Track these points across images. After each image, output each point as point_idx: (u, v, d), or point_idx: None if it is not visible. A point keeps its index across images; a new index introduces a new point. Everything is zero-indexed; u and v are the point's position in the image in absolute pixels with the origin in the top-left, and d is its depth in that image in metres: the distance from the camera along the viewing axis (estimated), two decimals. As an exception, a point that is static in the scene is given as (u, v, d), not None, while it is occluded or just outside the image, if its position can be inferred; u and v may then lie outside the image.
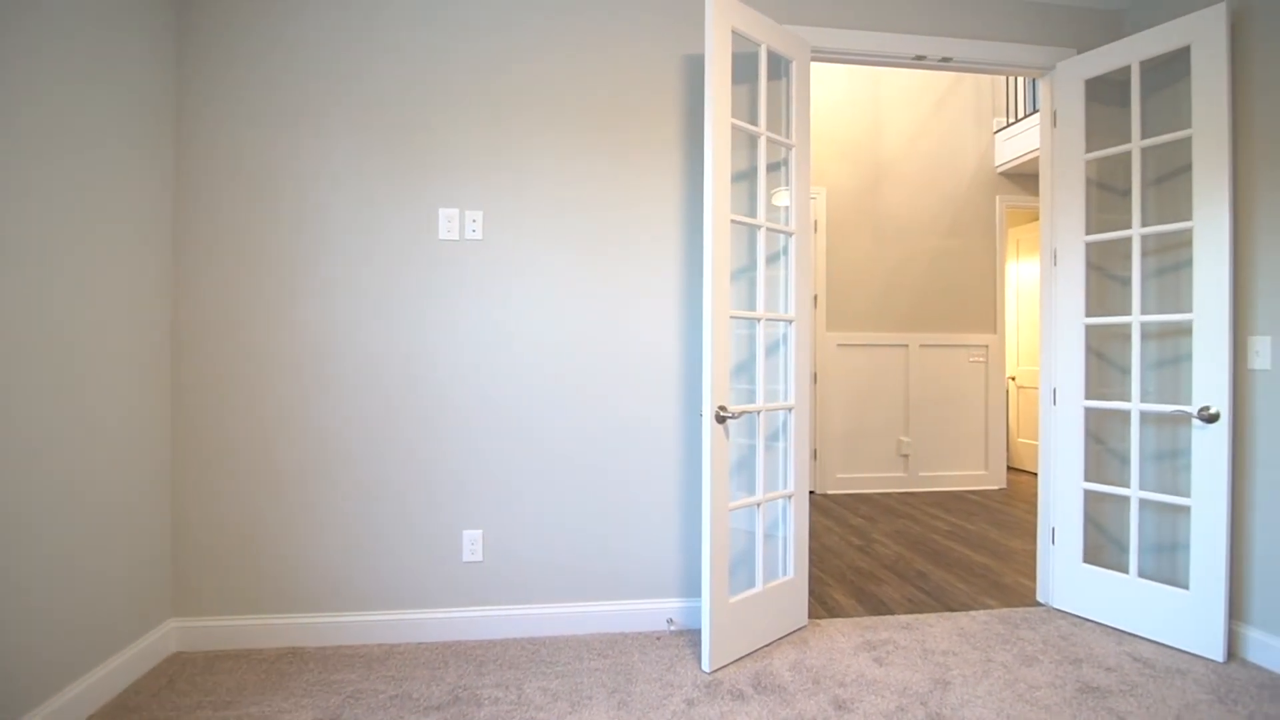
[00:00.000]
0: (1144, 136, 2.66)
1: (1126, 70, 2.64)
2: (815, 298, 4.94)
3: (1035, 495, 4.33)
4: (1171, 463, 2.63)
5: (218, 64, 2.33)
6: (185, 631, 2.31)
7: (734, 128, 2.28)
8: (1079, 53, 2.79)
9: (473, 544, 2.43)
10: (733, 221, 2.28)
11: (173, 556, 2.32)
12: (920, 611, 2.70)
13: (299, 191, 2.36)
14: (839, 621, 2.58)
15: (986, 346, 5.15)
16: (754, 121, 2.55)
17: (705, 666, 2.17)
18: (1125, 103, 2.81)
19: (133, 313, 2.12)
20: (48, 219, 1.78)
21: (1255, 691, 2.07)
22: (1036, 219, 5.98)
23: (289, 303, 2.36)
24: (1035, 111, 4.75)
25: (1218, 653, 2.26)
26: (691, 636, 2.45)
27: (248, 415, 2.34)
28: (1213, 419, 2.27)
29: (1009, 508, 4.51)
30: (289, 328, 2.36)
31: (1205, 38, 2.31)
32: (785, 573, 2.50)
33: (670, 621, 2.51)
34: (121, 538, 2.07)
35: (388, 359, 2.40)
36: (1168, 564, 2.64)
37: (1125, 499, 2.64)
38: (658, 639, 2.43)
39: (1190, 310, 2.41)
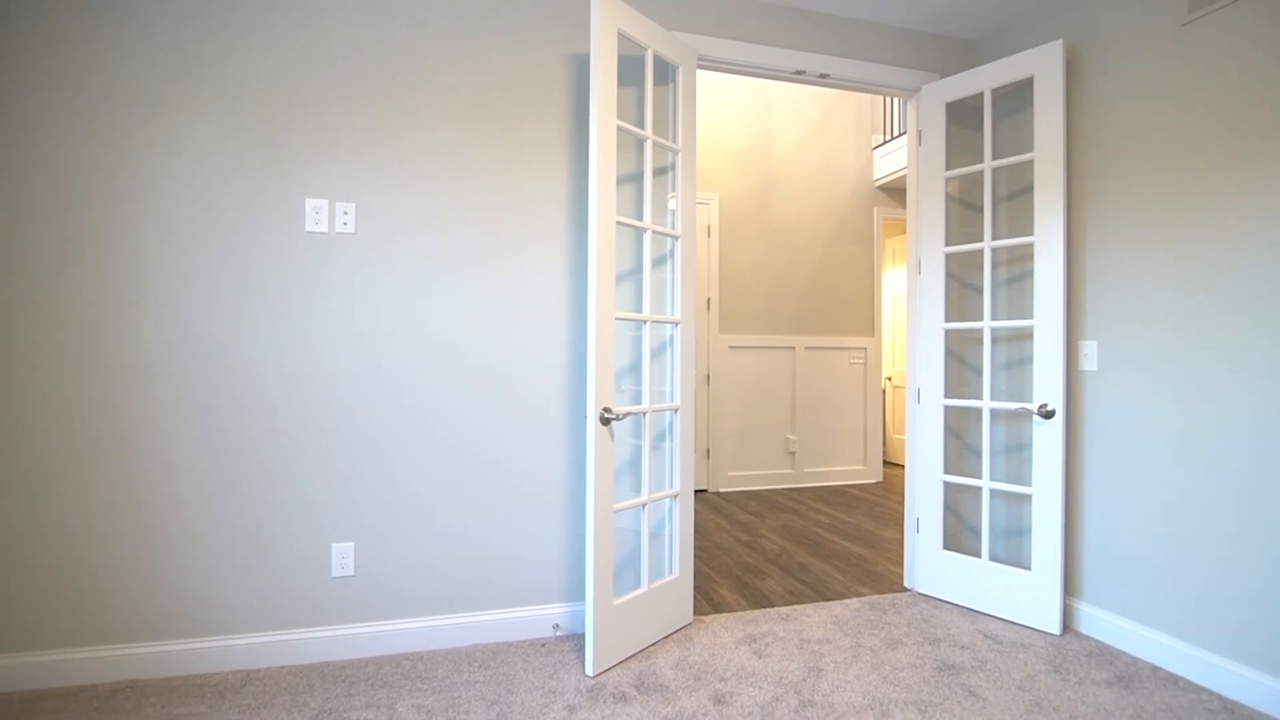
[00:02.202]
0: (995, 157, 2.91)
1: (981, 96, 2.88)
2: (709, 301, 5.05)
3: (907, 488, 4.65)
4: (1018, 455, 2.89)
5: (37, 35, 2.05)
6: (-4, 671, 2.02)
7: (620, 130, 2.28)
8: (941, 77, 3.01)
9: (343, 557, 2.28)
10: (619, 224, 2.28)
11: (-20, 586, 2.02)
12: (800, 602, 2.81)
13: (137, 176, 2.12)
14: (723, 617, 2.64)
15: (865, 349, 5.47)
16: (641, 125, 2.56)
17: (589, 671, 2.15)
18: (981, 125, 3.06)
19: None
20: None
21: (1085, 660, 2.30)
22: (910, 230, 6.41)
23: (128, 297, 2.11)
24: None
25: (1055, 627, 2.50)
26: (578, 641, 2.42)
27: (78, 419, 2.08)
28: (1049, 415, 2.51)
29: (885, 500, 4.81)
30: (128, 324, 2.11)
31: (1045, 70, 2.56)
32: (671, 572, 2.52)
33: (556, 627, 2.47)
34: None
35: (244, 357, 2.20)
36: (1015, 548, 2.89)
37: (979, 489, 2.87)
38: (543, 646, 2.38)
39: (1032, 317, 2.66)
